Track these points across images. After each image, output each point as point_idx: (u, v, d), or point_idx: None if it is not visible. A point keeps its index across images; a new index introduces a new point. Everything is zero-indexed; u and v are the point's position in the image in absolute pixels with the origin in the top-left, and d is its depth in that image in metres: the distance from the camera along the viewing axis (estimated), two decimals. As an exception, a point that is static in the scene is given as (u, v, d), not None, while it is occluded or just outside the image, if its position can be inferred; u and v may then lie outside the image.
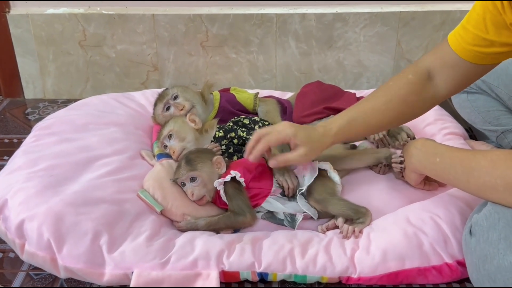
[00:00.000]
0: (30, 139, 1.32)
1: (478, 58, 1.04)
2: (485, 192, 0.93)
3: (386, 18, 1.76)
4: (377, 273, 1.01)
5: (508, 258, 0.85)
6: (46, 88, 1.89)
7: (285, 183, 1.16)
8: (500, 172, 0.90)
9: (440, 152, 1.04)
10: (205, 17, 1.76)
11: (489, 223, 0.90)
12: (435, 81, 1.12)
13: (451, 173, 1.00)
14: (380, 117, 1.13)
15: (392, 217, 1.11)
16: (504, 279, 0.85)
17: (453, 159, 1.00)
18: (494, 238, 0.88)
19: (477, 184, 0.94)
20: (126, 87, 1.87)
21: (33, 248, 1.04)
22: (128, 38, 1.80)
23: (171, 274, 1.00)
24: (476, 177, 0.94)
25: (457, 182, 1.00)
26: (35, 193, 1.10)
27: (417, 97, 1.12)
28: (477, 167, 0.94)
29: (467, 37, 1.03)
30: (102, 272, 1.01)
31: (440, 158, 1.03)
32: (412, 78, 1.12)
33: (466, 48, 1.04)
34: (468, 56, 1.04)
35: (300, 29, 1.78)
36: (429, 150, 1.07)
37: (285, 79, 1.86)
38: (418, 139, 1.13)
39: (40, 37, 1.80)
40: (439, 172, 1.05)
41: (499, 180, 0.90)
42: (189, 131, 1.28)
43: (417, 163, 1.10)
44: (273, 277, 1.03)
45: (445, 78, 1.10)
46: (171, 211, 1.15)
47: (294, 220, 1.14)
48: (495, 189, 0.91)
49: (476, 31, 1.01)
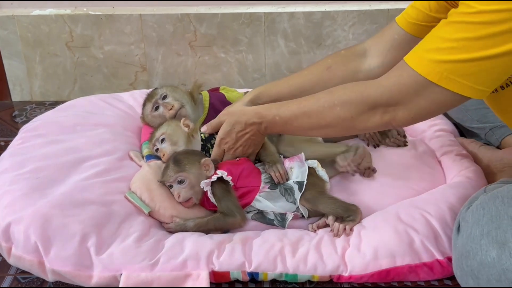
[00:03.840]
0: (16, 141, 1.31)
1: (418, 30, 1.10)
2: (325, 118, 1.01)
3: (375, 16, 1.76)
4: (368, 271, 1.01)
5: (491, 254, 0.84)
6: (33, 90, 1.87)
7: (273, 172, 1.16)
8: (338, 95, 0.99)
9: (274, 111, 1.09)
10: (193, 16, 1.76)
11: (474, 219, 0.90)
12: (369, 58, 1.17)
13: (293, 119, 1.06)
14: (300, 80, 1.20)
15: (382, 215, 1.11)
16: (487, 275, 0.85)
17: (290, 109, 1.06)
18: (477, 234, 0.88)
19: (317, 115, 1.01)
20: (114, 88, 1.86)
21: (20, 251, 1.03)
22: (115, 38, 1.79)
23: (161, 275, 1.00)
24: (315, 109, 1.02)
25: (301, 126, 1.06)
26: (21, 195, 1.08)
27: (343, 67, 1.18)
28: (315, 101, 1.02)
29: (412, 13, 1.10)
30: (90, 274, 1.00)
31: (279, 115, 1.07)
32: (344, 52, 1.20)
33: (409, 21, 1.11)
34: (409, 28, 1.11)
35: (288, 28, 1.77)
36: (264, 117, 1.10)
37: (275, 78, 1.86)
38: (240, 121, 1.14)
39: (26, 38, 1.78)
40: (283, 126, 1.09)
41: (337, 101, 0.99)
42: (181, 135, 1.27)
43: (266, 130, 1.13)
44: (263, 277, 1.03)
45: (380, 53, 1.16)
46: (159, 213, 1.14)
47: (284, 219, 1.13)
48: (333, 113, 0.99)
49: (420, 7, 1.08)
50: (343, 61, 1.18)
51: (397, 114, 0.93)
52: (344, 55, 1.19)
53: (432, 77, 0.86)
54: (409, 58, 0.90)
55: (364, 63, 1.18)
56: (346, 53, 1.19)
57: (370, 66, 1.17)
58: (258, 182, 1.16)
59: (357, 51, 1.19)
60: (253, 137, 1.15)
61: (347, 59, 1.18)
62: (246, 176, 1.16)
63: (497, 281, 0.83)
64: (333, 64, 1.18)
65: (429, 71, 0.86)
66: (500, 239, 0.85)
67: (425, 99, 0.89)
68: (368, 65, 1.17)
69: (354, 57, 1.18)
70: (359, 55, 1.18)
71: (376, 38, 1.19)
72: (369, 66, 1.17)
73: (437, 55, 0.85)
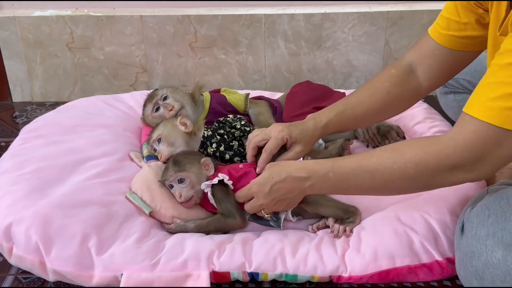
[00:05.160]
0: (17, 142, 1.31)
1: (453, 43, 1.07)
2: (393, 183, 0.94)
3: (375, 17, 1.77)
4: (368, 271, 1.01)
5: (496, 255, 0.85)
6: (33, 91, 1.88)
7: None
8: (408, 156, 0.92)
9: (328, 167, 1.01)
10: (193, 18, 1.76)
11: (479, 220, 0.91)
12: (417, 74, 1.14)
13: (351, 178, 0.99)
14: (365, 109, 1.16)
15: (382, 216, 1.11)
16: (491, 276, 0.85)
17: (348, 165, 0.99)
18: (482, 234, 0.88)
19: (383, 177, 0.95)
20: (114, 89, 1.86)
21: (21, 251, 1.03)
22: (116, 39, 1.79)
23: (161, 276, 1.00)
24: (381, 171, 0.94)
25: (359, 185, 0.99)
26: (22, 196, 1.09)
27: (401, 89, 1.15)
28: (381, 161, 0.95)
29: (442, 23, 1.07)
30: (91, 274, 1.00)
31: (333, 172, 1.00)
32: (395, 72, 1.15)
33: (442, 33, 1.08)
34: (444, 41, 1.08)
35: (289, 30, 1.78)
36: (315, 172, 1.02)
37: (275, 79, 1.86)
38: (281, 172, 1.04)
39: (27, 39, 1.79)
40: (336, 184, 1.01)
41: (409, 164, 0.92)
42: (178, 135, 1.27)
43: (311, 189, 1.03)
44: (264, 277, 1.03)
45: (425, 69, 1.13)
46: (160, 213, 1.14)
47: (279, 218, 1.13)
48: (405, 175, 0.92)
49: (449, 15, 1.05)
50: (399, 83, 1.15)
51: (481, 170, 0.89)
52: (396, 76, 1.15)
53: (509, 125, 0.83)
54: (477, 111, 0.86)
55: (414, 80, 1.15)
56: (396, 72, 1.15)
57: (419, 82, 1.15)
58: None
59: (405, 67, 1.15)
60: (289, 195, 1.04)
61: (401, 80, 1.15)
62: (245, 179, 1.16)
63: (502, 281, 0.84)
64: (391, 88, 1.14)
65: (505, 120, 0.83)
66: (506, 240, 0.85)
67: (508, 148, 0.85)
68: (417, 81, 1.15)
69: (406, 76, 1.15)
70: (408, 72, 1.15)
71: (416, 52, 1.15)
72: (418, 82, 1.15)
73: (507, 102, 0.82)
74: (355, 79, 1.87)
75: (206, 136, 1.28)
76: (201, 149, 1.28)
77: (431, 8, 1.76)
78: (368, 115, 1.17)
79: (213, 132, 1.29)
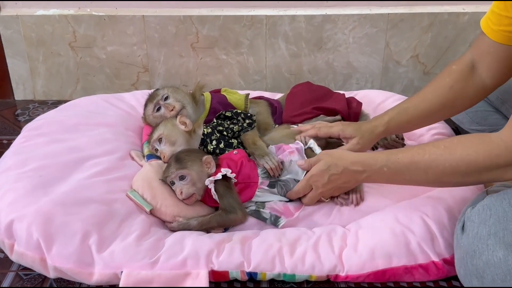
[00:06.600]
0: (19, 140, 1.32)
1: (506, 38, 1.06)
2: (445, 178, 0.99)
3: (375, 20, 1.77)
4: (365, 270, 1.02)
5: (497, 254, 0.86)
6: (36, 89, 1.89)
7: (267, 164, 1.18)
8: (459, 154, 0.96)
9: (382, 161, 1.05)
10: (195, 18, 1.77)
11: (480, 219, 0.91)
12: (479, 71, 1.15)
13: (405, 173, 1.03)
14: (428, 105, 1.18)
15: (380, 216, 1.12)
16: (492, 275, 0.86)
17: (401, 161, 1.03)
18: (484, 233, 0.89)
19: (436, 173, 0.99)
20: (116, 88, 1.87)
21: (22, 248, 1.04)
22: (118, 39, 1.80)
23: (161, 274, 1.01)
24: (433, 167, 0.99)
25: (412, 179, 1.04)
26: (24, 193, 1.10)
27: (464, 84, 1.16)
28: (433, 157, 0.99)
29: (493, 18, 1.07)
30: (91, 271, 1.01)
31: (387, 167, 1.05)
32: (456, 68, 1.16)
33: (494, 29, 1.07)
34: (497, 37, 1.07)
35: (290, 31, 1.79)
36: (370, 166, 1.07)
37: (275, 80, 1.87)
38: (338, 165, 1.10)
39: (30, 38, 1.80)
40: (390, 178, 1.07)
41: (461, 162, 0.96)
42: (179, 134, 1.28)
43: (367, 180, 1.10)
44: (262, 277, 1.04)
45: (486, 66, 1.13)
46: (161, 211, 1.15)
47: (278, 222, 1.14)
48: (456, 172, 0.97)
49: (499, 11, 1.04)
50: (461, 78, 1.15)
51: None
52: (458, 71, 1.16)
53: None
54: None
55: (476, 76, 1.15)
56: (458, 68, 1.16)
57: (481, 78, 1.15)
58: (256, 177, 1.18)
59: (466, 64, 1.16)
60: (346, 184, 1.13)
61: (463, 75, 1.15)
62: (245, 171, 1.18)
63: (502, 281, 0.85)
64: (454, 83, 1.16)
65: None
66: (507, 240, 0.86)
67: None
68: (480, 77, 1.15)
69: (467, 71, 1.15)
70: (470, 68, 1.15)
71: (475, 49, 1.16)
72: (481, 79, 1.15)
73: None
74: (355, 81, 1.88)
75: (205, 134, 1.29)
76: (201, 147, 1.29)
77: (431, 11, 1.77)
78: (431, 111, 1.19)
79: (213, 129, 1.30)
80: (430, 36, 1.79)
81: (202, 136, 1.30)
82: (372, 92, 1.68)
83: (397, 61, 1.84)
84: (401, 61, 1.84)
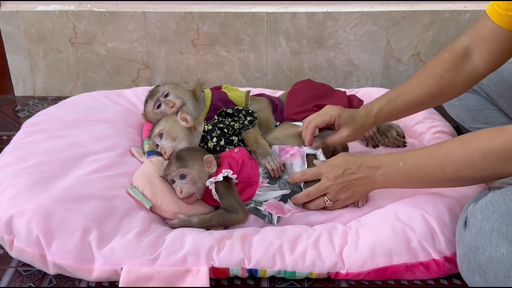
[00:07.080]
0: (19, 135, 1.32)
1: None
2: (463, 171, 0.97)
3: (376, 17, 1.77)
4: (365, 268, 1.02)
5: (500, 250, 0.85)
6: (36, 85, 1.89)
7: (269, 164, 1.17)
8: (476, 146, 0.95)
9: (398, 157, 1.06)
10: (196, 15, 1.77)
11: (483, 215, 0.91)
12: (473, 58, 1.14)
13: (421, 169, 1.02)
14: (417, 95, 1.17)
15: (381, 213, 1.12)
16: (495, 271, 0.86)
17: (418, 156, 1.03)
18: (487, 229, 0.89)
19: (453, 167, 0.98)
20: (116, 84, 1.87)
21: (22, 244, 1.04)
22: (118, 35, 1.80)
23: (161, 270, 1.01)
24: (450, 160, 0.98)
25: (429, 176, 1.02)
26: (24, 189, 1.09)
27: (455, 73, 1.15)
28: (449, 151, 0.98)
29: (501, 2, 1.06)
30: (91, 268, 1.01)
31: (403, 162, 1.04)
32: (448, 56, 1.15)
33: (501, 13, 1.06)
34: (503, 22, 1.07)
35: (291, 28, 1.78)
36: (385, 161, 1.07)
37: (276, 77, 1.87)
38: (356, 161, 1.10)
39: (30, 34, 1.79)
40: (406, 175, 1.05)
41: (476, 153, 0.95)
42: (180, 130, 1.28)
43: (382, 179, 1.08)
44: (262, 273, 1.04)
45: (482, 53, 1.13)
46: (161, 208, 1.15)
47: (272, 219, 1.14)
48: (473, 164, 0.96)
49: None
50: (453, 67, 1.15)
51: None
52: (450, 60, 1.15)
53: None
54: None
55: (469, 64, 1.14)
56: (450, 57, 1.15)
57: (475, 66, 1.14)
58: (257, 176, 1.17)
59: (459, 51, 1.15)
60: (358, 185, 1.10)
61: (455, 64, 1.14)
62: (246, 170, 1.18)
63: (505, 277, 0.84)
64: (445, 73, 1.15)
65: None
66: (510, 236, 0.86)
67: None
68: (473, 65, 1.14)
69: (460, 60, 1.14)
70: (462, 56, 1.14)
71: (472, 35, 1.14)
72: (474, 66, 1.14)
73: None
74: (356, 78, 1.87)
75: (206, 131, 1.29)
76: (202, 144, 1.29)
77: (433, 9, 1.76)
78: (420, 101, 1.18)
79: (213, 126, 1.29)
80: (432, 34, 1.79)
81: (202, 133, 1.29)
82: (373, 90, 1.68)
83: (398, 59, 1.84)
84: (402, 59, 1.84)
